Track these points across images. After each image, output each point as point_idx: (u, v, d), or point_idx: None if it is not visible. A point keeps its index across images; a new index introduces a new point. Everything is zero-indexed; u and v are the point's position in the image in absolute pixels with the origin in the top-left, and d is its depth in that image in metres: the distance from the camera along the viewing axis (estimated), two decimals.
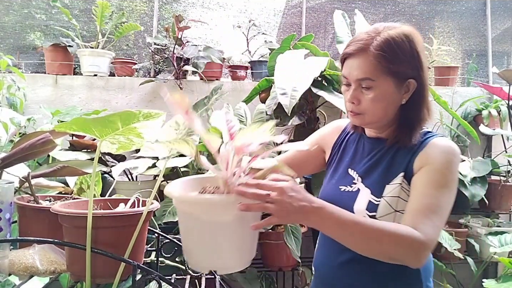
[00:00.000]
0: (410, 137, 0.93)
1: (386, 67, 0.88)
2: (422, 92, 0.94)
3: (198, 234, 0.77)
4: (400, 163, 0.93)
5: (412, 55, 0.91)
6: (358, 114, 0.93)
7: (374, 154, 0.98)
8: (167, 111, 0.86)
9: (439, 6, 3.15)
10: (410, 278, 0.95)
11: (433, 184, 0.86)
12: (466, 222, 2.49)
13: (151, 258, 1.41)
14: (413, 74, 0.91)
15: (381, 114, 0.93)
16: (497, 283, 2.01)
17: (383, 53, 0.88)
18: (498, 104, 2.66)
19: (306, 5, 2.94)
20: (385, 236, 0.78)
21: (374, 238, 0.78)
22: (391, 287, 0.94)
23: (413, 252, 0.79)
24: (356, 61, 0.90)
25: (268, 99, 2.19)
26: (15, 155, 0.90)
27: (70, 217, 0.79)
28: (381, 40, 0.89)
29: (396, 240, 0.78)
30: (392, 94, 0.91)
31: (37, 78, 2.46)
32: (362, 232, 0.78)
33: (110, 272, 0.79)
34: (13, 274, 0.83)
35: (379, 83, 0.89)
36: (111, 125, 0.74)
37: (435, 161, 0.88)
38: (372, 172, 0.96)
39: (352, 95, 0.92)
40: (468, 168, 2.33)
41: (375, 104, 0.91)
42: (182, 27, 2.38)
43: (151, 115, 0.76)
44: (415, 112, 0.94)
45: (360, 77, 0.90)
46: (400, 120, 0.95)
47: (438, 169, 0.87)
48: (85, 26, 2.73)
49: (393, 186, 0.92)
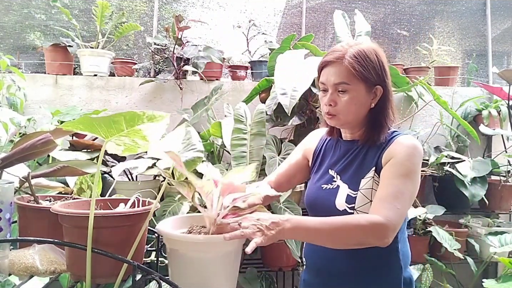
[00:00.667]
0: (378, 136, 1.08)
1: (359, 73, 1.03)
2: (388, 96, 1.09)
3: (185, 269, 0.85)
4: (371, 159, 1.08)
5: (378, 65, 1.07)
6: (334, 115, 1.07)
7: (349, 154, 1.12)
8: (167, 111, 0.86)
9: (439, 6, 3.15)
10: (391, 263, 1.09)
11: (396, 175, 1.01)
12: (466, 222, 2.49)
13: (151, 258, 1.41)
14: (380, 82, 1.07)
15: (354, 115, 1.07)
16: (497, 283, 2.01)
17: (356, 62, 1.03)
18: (498, 104, 2.66)
19: (306, 5, 2.94)
20: (350, 229, 0.94)
21: (342, 233, 0.94)
22: (375, 271, 1.08)
23: (377, 234, 0.94)
24: (333, 68, 1.05)
25: (268, 99, 2.19)
26: (15, 155, 0.90)
27: (70, 217, 0.79)
28: (354, 51, 1.05)
29: (359, 228, 0.93)
30: (363, 97, 1.06)
31: (37, 78, 2.46)
32: (330, 231, 0.94)
33: (110, 272, 0.79)
34: (13, 274, 0.83)
35: (353, 87, 1.04)
36: (116, 126, 0.73)
37: (399, 155, 1.03)
38: (348, 169, 1.10)
39: (330, 98, 1.06)
40: (468, 168, 2.33)
41: (349, 106, 1.05)
42: (182, 27, 2.38)
43: (155, 117, 0.75)
44: (382, 114, 1.09)
45: (337, 81, 1.04)
46: (370, 122, 1.10)
47: (400, 162, 1.02)
48: (85, 26, 2.73)
49: (367, 179, 1.05)
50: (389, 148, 1.05)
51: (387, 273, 1.09)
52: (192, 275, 0.85)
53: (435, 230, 2.23)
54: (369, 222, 0.93)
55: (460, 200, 2.35)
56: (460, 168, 2.30)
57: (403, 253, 1.11)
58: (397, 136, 1.08)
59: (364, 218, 0.95)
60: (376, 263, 1.08)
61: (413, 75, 2.71)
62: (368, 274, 1.08)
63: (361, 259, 1.06)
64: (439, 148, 2.57)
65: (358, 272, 1.08)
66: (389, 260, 1.08)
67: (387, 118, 1.09)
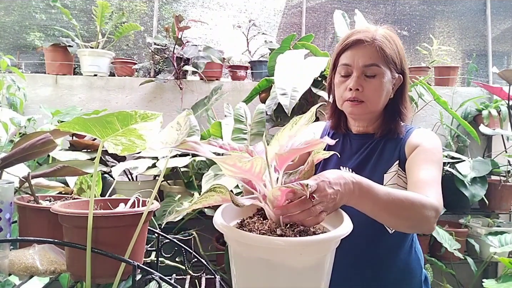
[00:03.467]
0: (400, 127, 1.01)
1: (388, 57, 0.95)
2: (405, 88, 1.02)
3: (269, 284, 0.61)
4: (391, 153, 0.99)
5: (402, 52, 1.00)
6: (361, 102, 0.96)
7: (364, 148, 1.03)
8: (167, 111, 0.86)
9: (439, 6, 3.15)
10: (413, 266, 1.03)
11: (427, 161, 0.93)
12: (466, 222, 2.49)
13: (151, 258, 1.41)
14: (401, 70, 1.00)
15: (380, 103, 0.98)
16: (497, 283, 2.01)
17: (388, 44, 0.95)
18: (498, 104, 2.66)
19: (306, 5, 2.94)
20: (416, 207, 0.78)
21: (406, 211, 0.78)
22: (400, 275, 1.01)
23: (432, 217, 0.81)
24: (362, 49, 0.95)
25: (268, 99, 2.19)
26: (15, 155, 0.90)
27: (70, 217, 0.78)
28: (382, 33, 0.97)
29: (424, 208, 0.79)
30: (388, 84, 0.97)
31: (37, 78, 2.46)
32: (396, 208, 0.77)
33: (110, 272, 0.79)
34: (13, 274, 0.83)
35: (383, 71, 0.95)
36: (110, 126, 0.73)
37: (423, 143, 0.96)
38: (365, 165, 1.01)
39: (357, 82, 0.95)
40: (468, 168, 2.33)
41: (379, 92, 0.96)
42: (182, 27, 2.38)
43: (147, 116, 0.75)
44: (402, 105, 1.02)
45: (368, 63, 0.94)
46: (388, 113, 1.02)
47: (427, 149, 0.95)
48: (85, 26, 2.73)
49: (391, 174, 0.97)
50: (410, 139, 0.98)
51: (410, 277, 1.03)
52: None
53: (435, 230, 2.23)
54: (429, 202, 0.81)
55: (460, 200, 2.35)
56: (460, 168, 2.30)
57: (419, 253, 1.07)
58: (414, 128, 1.02)
59: (424, 197, 0.81)
60: (398, 273, 1.01)
61: (413, 75, 2.70)
62: (393, 282, 1.01)
63: (386, 268, 1.00)
64: None
65: (383, 283, 1.01)
66: (411, 265, 1.03)
67: (405, 109, 1.02)
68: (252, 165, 0.63)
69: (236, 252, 0.66)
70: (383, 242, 0.98)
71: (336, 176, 0.69)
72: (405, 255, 1.02)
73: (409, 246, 1.03)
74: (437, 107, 2.47)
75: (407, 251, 1.02)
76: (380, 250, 1.00)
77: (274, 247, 0.59)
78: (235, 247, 0.66)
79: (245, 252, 0.63)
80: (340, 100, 1.01)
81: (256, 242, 0.60)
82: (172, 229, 2.01)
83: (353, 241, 0.78)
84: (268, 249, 0.59)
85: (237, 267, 0.67)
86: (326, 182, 0.67)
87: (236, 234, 0.62)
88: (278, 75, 2.04)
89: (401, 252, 1.01)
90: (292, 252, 0.59)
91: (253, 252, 0.62)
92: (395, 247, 1.01)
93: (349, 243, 0.72)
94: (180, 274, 1.45)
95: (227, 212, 0.72)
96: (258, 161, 0.63)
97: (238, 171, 0.65)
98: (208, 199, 0.65)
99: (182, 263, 1.78)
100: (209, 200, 0.65)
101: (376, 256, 1.00)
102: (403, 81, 1.01)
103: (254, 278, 0.63)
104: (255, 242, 0.60)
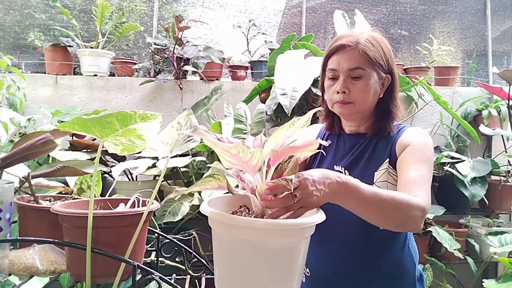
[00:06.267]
0: (390, 126, 1.04)
1: (373, 59, 0.99)
2: (395, 87, 1.05)
3: (249, 263, 0.69)
4: (382, 151, 1.03)
5: (389, 53, 1.03)
6: (348, 103, 1.01)
7: (356, 147, 1.07)
8: (167, 111, 0.86)
9: (439, 6, 3.15)
10: (406, 263, 1.05)
11: (416, 160, 0.96)
12: (466, 222, 2.49)
13: (151, 258, 1.41)
14: (389, 71, 1.03)
15: (368, 103, 1.02)
16: (497, 283, 2.01)
17: (371, 46, 0.99)
18: (498, 104, 2.66)
19: (306, 5, 2.94)
20: (401, 206, 0.82)
21: (392, 210, 0.82)
22: (392, 271, 1.03)
23: (418, 217, 0.85)
24: (346, 54, 1.00)
25: (268, 99, 2.19)
26: (15, 155, 0.90)
27: (70, 217, 0.78)
28: (367, 36, 1.01)
29: (410, 207, 0.83)
30: (375, 85, 1.01)
31: (37, 78, 2.47)
32: (381, 206, 0.81)
33: (110, 272, 0.79)
34: (13, 274, 0.83)
35: (367, 73, 0.99)
36: (109, 126, 0.73)
37: (414, 142, 0.99)
38: (357, 163, 1.04)
39: (343, 85, 1.00)
40: (468, 168, 2.33)
41: (365, 93, 1.00)
42: (182, 27, 2.38)
43: (147, 116, 0.75)
44: (392, 104, 1.05)
45: (352, 66, 0.99)
46: (378, 113, 1.06)
47: (418, 148, 0.98)
48: (85, 26, 2.73)
49: (381, 172, 1.00)
50: (401, 138, 1.01)
51: (402, 273, 1.04)
52: (265, 269, 0.69)
53: (435, 230, 2.23)
54: (416, 202, 0.84)
55: (460, 200, 2.35)
56: (460, 168, 2.30)
57: (414, 250, 1.08)
58: (406, 127, 1.05)
59: (411, 197, 0.85)
60: (391, 268, 1.02)
61: (413, 75, 2.71)
62: (385, 278, 1.02)
63: (378, 266, 1.01)
64: (439, 148, 2.57)
65: (374, 280, 1.02)
66: (404, 261, 1.04)
67: (397, 108, 1.06)
68: (251, 157, 0.69)
69: (220, 235, 0.73)
70: (377, 233, 0.99)
71: (320, 175, 0.74)
72: (397, 250, 1.03)
73: (403, 242, 1.04)
74: (437, 107, 2.47)
75: (400, 247, 1.04)
76: (374, 240, 1.02)
77: (254, 226, 0.67)
78: (219, 230, 0.73)
79: (228, 234, 0.71)
80: (330, 103, 1.06)
81: (239, 222, 0.69)
82: (172, 229, 2.01)
83: (348, 230, 0.99)
84: (249, 229, 0.67)
85: (220, 249, 0.74)
86: (309, 180, 0.72)
87: (221, 216, 0.70)
88: (278, 75, 2.04)
89: (394, 247, 1.03)
90: (270, 232, 0.67)
91: (235, 234, 0.69)
92: (388, 240, 1.03)
93: (344, 232, 0.92)
94: (180, 274, 1.45)
95: (213, 205, 0.78)
96: (257, 154, 0.69)
97: (237, 163, 0.71)
98: (206, 184, 0.74)
99: (182, 263, 1.78)
100: (206, 185, 0.74)
101: (370, 247, 1.02)
102: (392, 81, 1.04)
103: (235, 259, 0.71)
104: (238, 222, 0.69)
